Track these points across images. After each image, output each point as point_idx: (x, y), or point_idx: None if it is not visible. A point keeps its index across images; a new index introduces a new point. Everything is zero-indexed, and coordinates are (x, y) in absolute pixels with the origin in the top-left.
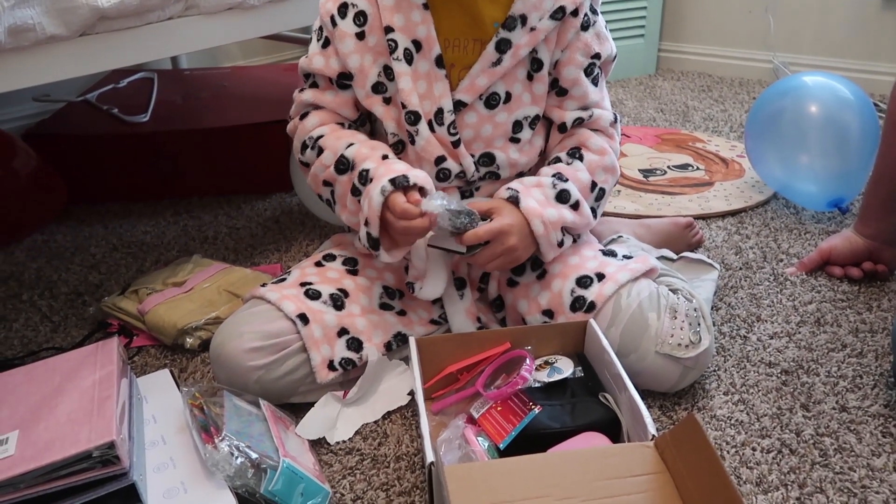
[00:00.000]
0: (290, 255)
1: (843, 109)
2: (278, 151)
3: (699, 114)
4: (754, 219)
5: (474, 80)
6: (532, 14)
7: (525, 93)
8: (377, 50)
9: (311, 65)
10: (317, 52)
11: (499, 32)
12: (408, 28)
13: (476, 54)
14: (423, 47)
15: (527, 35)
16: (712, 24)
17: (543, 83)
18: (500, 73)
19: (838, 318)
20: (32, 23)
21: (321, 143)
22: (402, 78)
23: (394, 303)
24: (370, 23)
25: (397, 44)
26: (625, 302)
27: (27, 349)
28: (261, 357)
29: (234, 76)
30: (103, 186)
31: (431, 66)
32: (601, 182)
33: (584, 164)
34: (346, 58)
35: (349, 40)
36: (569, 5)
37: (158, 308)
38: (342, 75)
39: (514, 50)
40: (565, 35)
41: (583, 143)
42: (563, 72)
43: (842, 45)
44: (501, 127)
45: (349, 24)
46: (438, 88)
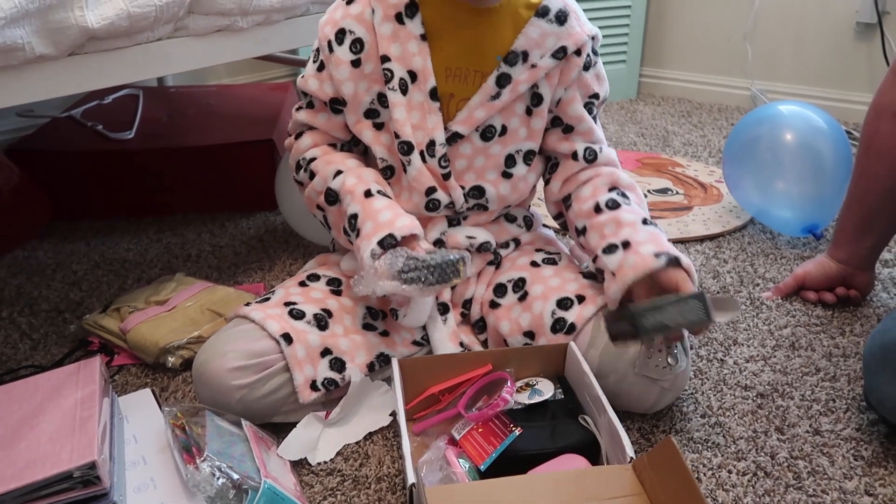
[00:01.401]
0: (274, 274)
1: (817, 138)
2: (263, 170)
3: (679, 139)
4: (732, 243)
5: (472, 113)
6: (534, 51)
7: (522, 127)
8: (372, 77)
9: (307, 86)
10: (312, 74)
11: (500, 66)
12: (404, 58)
13: (476, 86)
14: (419, 78)
15: (527, 71)
16: (692, 51)
17: (542, 118)
18: (498, 106)
19: (812, 342)
20: (22, 42)
21: (312, 167)
22: (397, 108)
23: (377, 323)
24: (367, 51)
25: (393, 74)
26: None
27: (6, 367)
28: (244, 376)
29: (220, 94)
30: (86, 203)
31: (426, 98)
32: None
33: (636, 204)
34: (340, 84)
35: (344, 67)
36: (571, 46)
37: (141, 326)
38: (335, 100)
39: (513, 85)
40: (569, 74)
41: (616, 183)
42: (568, 109)
43: (817, 74)
44: (494, 159)
45: (345, 52)
46: (431, 121)
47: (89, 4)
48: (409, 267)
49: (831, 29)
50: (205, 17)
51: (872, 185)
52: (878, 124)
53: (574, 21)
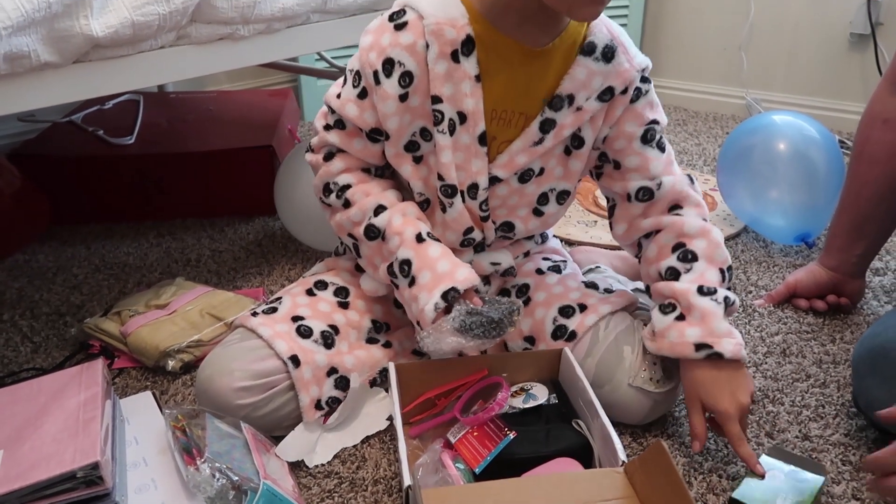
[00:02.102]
0: (273, 278)
1: (809, 147)
2: (262, 175)
3: (674, 147)
4: None
5: (514, 158)
6: (580, 93)
7: (558, 167)
8: (417, 112)
9: (344, 110)
10: (352, 100)
11: (544, 111)
12: (455, 99)
13: (519, 128)
14: (468, 121)
15: (572, 115)
16: (688, 60)
17: (581, 160)
18: (540, 152)
19: (803, 349)
20: (28, 50)
21: (348, 196)
22: (444, 151)
23: (380, 336)
24: (415, 84)
25: (443, 115)
26: (602, 333)
27: (7, 369)
28: (249, 396)
29: (220, 100)
30: (87, 207)
31: (473, 142)
32: (720, 264)
33: (702, 261)
34: (386, 118)
35: (391, 102)
36: (618, 85)
37: (141, 330)
38: (375, 130)
39: (557, 130)
40: (613, 112)
41: (681, 237)
42: (614, 145)
43: (811, 84)
44: (527, 197)
45: (393, 85)
46: (476, 164)
47: (94, 13)
48: (474, 324)
49: (825, 39)
50: (207, 25)
51: (863, 191)
52: (870, 131)
53: (622, 56)
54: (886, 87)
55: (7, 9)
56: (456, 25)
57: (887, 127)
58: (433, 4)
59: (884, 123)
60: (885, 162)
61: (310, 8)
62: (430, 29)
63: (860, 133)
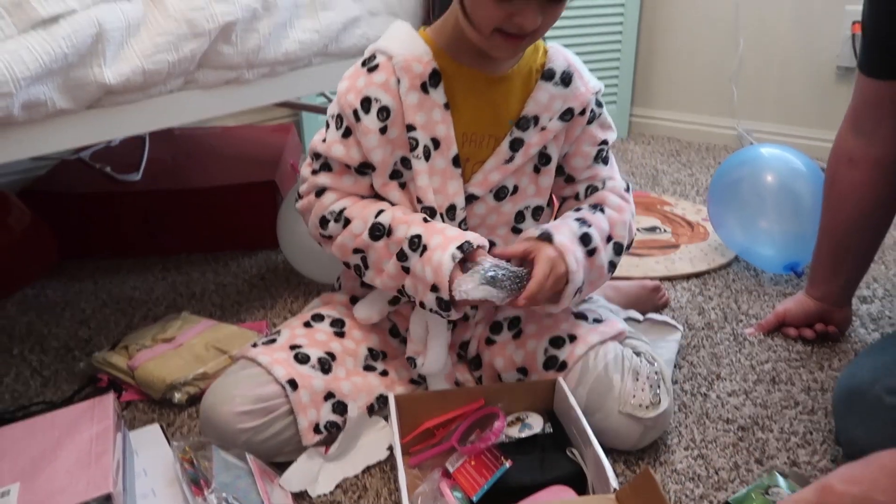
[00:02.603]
0: (276, 311)
1: (795, 179)
2: (265, 210)
3: (668, 177)
4: (717, 280)
5: (487, 176)
6: (543, 115)
7: (531, 185)
8: (396, 143)
9: (331, 152)
10: (337, 141)
11: (512, 131)
12: (428, 126)
13: (490, 149)
14: (442, 145)
15: (538, 134)
16: (680, 91)
17: (549, 176)
18: (511, 169)
19: (792, 376)
20: (45, 98)
21: (347, 215)
22: (420, 175)
23: (377, 364)
24: (392, 117)
25: (418, 142)
26: (592, 363)
27: (18, 403)
28: (250, 420)
29: (224, 136)
30: (94, 243)
31: (448, 165)
32: (617, 237)
33: (605, 216)
34: (370, 152)
35: (373, 136)
36: (577, 106)
37: (148, 364)
38: (363, 164)
39: (525, 148)
40: (573, 132)
41: (602, 201)
42: (571, 162)
43: (801, 115)
44: (505, 216)
45: (373, 120)
46: (453, 186)
47: (107, 62)
48: (504, 276)
49: (813, 72)
50: (214, 70)
51: (837, 227)
52: (837, 170)
53: (578, 81)
54: (848, 128)
55: (26, 60)
56: (422, 61)
57: (853, 166)
58: (399, 45)
59: (849, 162)
60: (854, 199)
61: (311, 52)
62: (399, 66)
63: (828, 171)
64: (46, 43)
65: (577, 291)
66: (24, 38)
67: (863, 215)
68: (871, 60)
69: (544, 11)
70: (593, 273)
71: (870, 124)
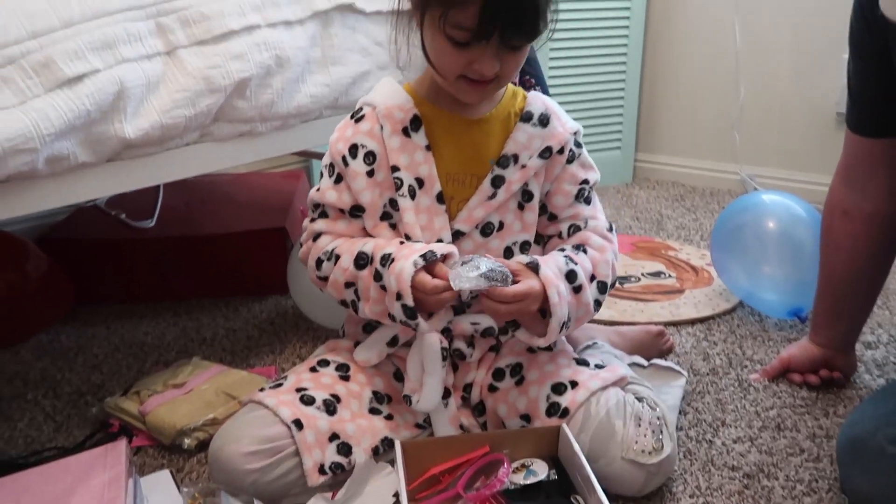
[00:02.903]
0: (285, 356)
1: (796, 225)
2: (276, 256)
3: (672, 222)
4: (721, 326)
5: (472, 212)
6: (523, 153)
7: (516, 221)
8: (384, 185)
9: (324, 198)
10: (330, 187)
11: (493, 169)
12: (412, 167)
13: (473, 188)
14: (426, 184)
15: (518, 172)
16: (684, 137)
17: (533, 212)
18: (494, 205)
19: (797, 423)
20: (67, 152)
21: (337, 251)
22: (407, 213)
23: (382, 407)
24: (378, 161)
25: (402, 181)
26: (594, 409)
27: (31, 448)
28: (257, 461)
29: (236, 183)
30: (108, 288)
31: (432, 202)
32: (600, 276)
33: (587, 257)
34: (359, 194)
35: (361, 179)
36: (555, 145)
37: (159, 409)
38: (355, 207)
39: (507, 185)
40: (553, 170)
41: (585, 241)
42: (553, 200)
43: (802, 161)
44: (494, 252)
45: (360, 164)
46: (438, 222)
47: (128, 118)
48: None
49: (813, 119)
50: (228, 124)
51: (834, 276)
52: (832, 222)
53: (556, 122)
54: (840, 181)
55: (52, 118)
56: (403, 109)
57: (847, 217)
58: (383, 97)
59: (843, 214)
60: (850, 249)
61: (322, 105)
62: (382, 113)
63: (824, 222)
64: (71, 101)
65: (562, 326)
66: (51, 97)
67: (859, 266)
68: (859, 118)
69: (501, 58)
70: (580, 310)
71: (861, 178)
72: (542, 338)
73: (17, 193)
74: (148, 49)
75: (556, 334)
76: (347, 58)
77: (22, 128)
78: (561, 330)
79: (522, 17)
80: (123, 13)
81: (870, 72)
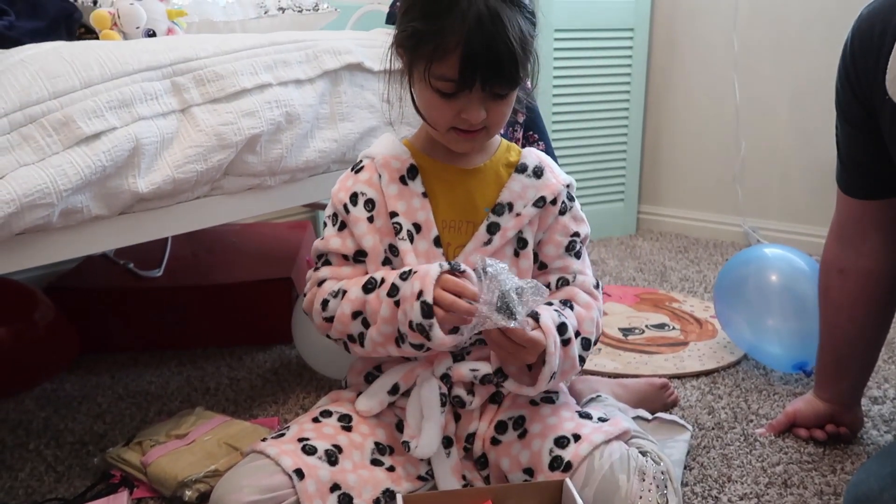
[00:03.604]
0: (288, 407)
1: (799, 279)
2: (281, 306)
3: (676, 274)
4: (726, 379)
5: (467, 257)
6: (517, 202)
7: (512, 268)
8: (383, 231)
9: (328, 245)
10: (333, 235)
11: (489, 216)
12: (409, 213)
13: (469, 235)
14: (423, 229)
15: (513, 219)
16: (686, 190)
17: (528, 259)
18: (490, 251)
19: (804, 479)
20: (81, 206)
21: (344, 287)
22: (408, 255)
23: (384, 458)
24: (377, 208)
25: (401, 226)
26: (597, 463)
27: (31, 499)
28: None
29: (243, 233)
30: (114, 337)
31: (430, 246)
32: (585, 332)
33: (573, 313)
34: (361, 239)
35: (362, 224)
36: (549, 195)
37: (161, 460)
38: (358, 252)
39: (502, 232)
40: (546, 220)
41: (572, 297)
42: (544, 250)
43: (804, 213)
44: None
45: (361, 210)
46: None
47: (141, 173)
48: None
49: (814, 172)
50: (238, 178)
51: (835, 334)
52: (829, 281)
53: (549, 174)
54: (834, 240)
55: (69, 174)
56: (400, 159)
57: (844, 276)
58: (382, 148)
59: (839, 273)
60: (849, 308)
61: (330, 159)
62: (380, 163)
63: (821, 282)
64: (88, 157)
65: (551, 377)
66: (69, 154)
67: (859, 324)
68: (849, 181)
69: (487, 106)
70: (566, 363)
71: (855, 238)
72: (530, 387)
73: (30, 245)
74: (163, 107)
75: (545, 384)
76: (355, 114)
77: (40, 184)
78: (549, 380)
79: (500, 65)
80: (141, 73)
81: (858, 137)
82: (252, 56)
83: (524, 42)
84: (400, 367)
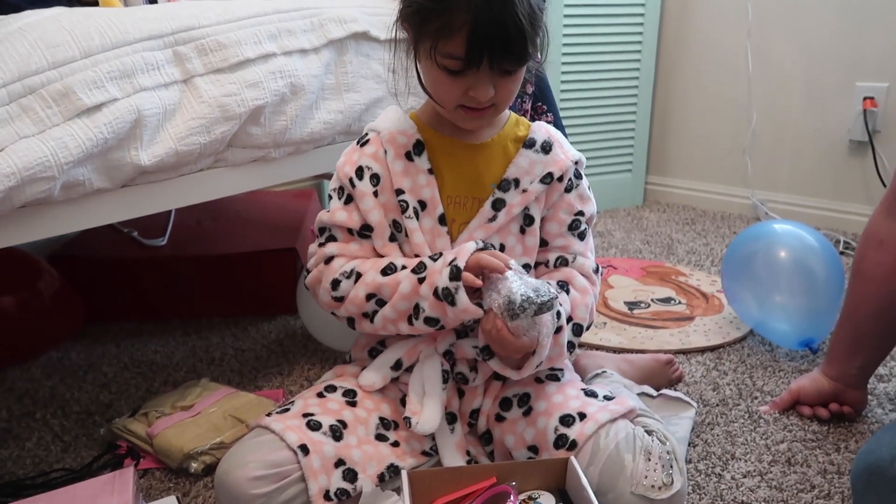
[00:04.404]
0: (293, 378)
1: (809, 255)
2: (286, 276)
3: (683, 247)
4: (732, 355)
5: (472, 234)
6: (524, 178)
7: (518, 244)
8: (388, 207)
9: (335, 218)
10: (339, 208)
11: (494, 193)
12: (415, 190)
13: (474, 211)
14: (428, 206)
15: (519, 196)
16: (695, 161)
17: (535, 236)
18: (495, 228)
19: (808, 458)
20: (83, 179)
21: (359, 269)
22: (415, 233)
23: (388, 433)
24: (382, 183)
25: (408, 204)
26: (603, 442)
27: (38, 469)
28: (263, 485)
29: (248, 201)
30: (119, 306)
31: (435, 224)
32: (578, 318)
33: (568, 297)
34: (367, 213)
35: (368, 199)
36: (556, 171)
37: (166, 432)
38: (364, 227)
39: (507, 208)
40: (551, 196)
41: (569, 280)
42: (546, 227)
43: (814, 187)
44: None
45: (367, 185)
46: (440, 242)
47: (144, 145)
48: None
49: (826, 145)
50: (242, 150)
51: (860, 308)
52: (866, 251)
53: (558, 149)
54: (883, 210)
55: (70, 146)
56: (406, 134)
57: (882, 248)
58: (388, 122)
59: (879, 244)
60: (880, 281)
61: (336, 131)
62: (386, 138)
63: (858, 251)
64: (89, 130)
65: (537, 365)
66: (69, 126)
67: (885, 298)
68: None
69: (495, 84)
70: (555, 350)
71: None
72: (515, 371)
73: (32, 219)
74: (165, 77)
75: (529, 371)
76: (361, 84)
77: (40, 156)
78: (535, 368)
79: (509, 42)
80: (142, 43)
81: None
82: (256, 25)
83: (533, 17)
84: (403, 342)
